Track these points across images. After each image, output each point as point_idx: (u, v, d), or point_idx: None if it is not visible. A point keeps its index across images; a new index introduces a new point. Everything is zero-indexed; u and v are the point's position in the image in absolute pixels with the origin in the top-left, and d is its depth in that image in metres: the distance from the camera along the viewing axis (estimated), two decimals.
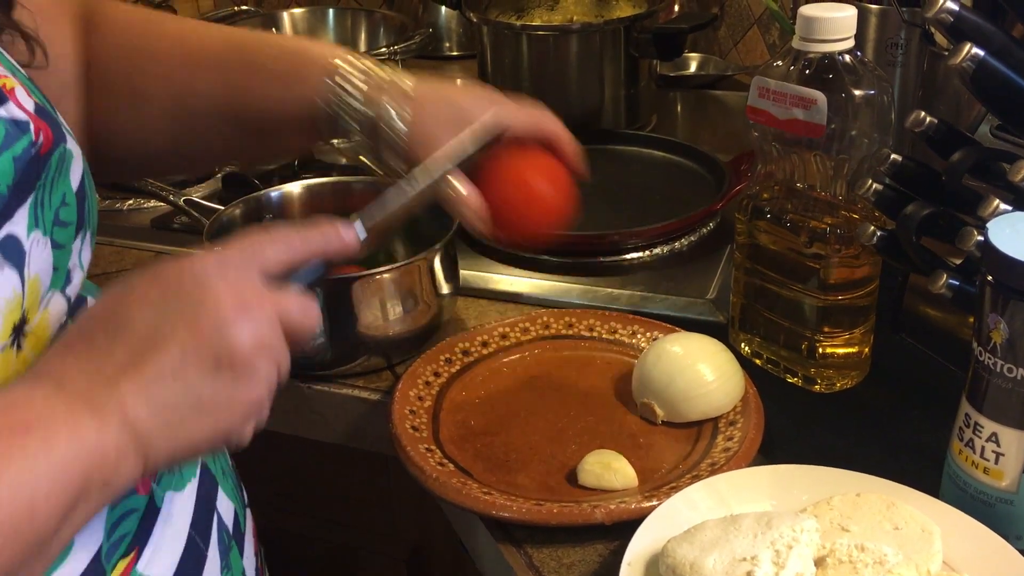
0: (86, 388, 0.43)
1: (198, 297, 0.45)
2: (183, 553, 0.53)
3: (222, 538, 0.57)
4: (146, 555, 0.50)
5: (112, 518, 0.49)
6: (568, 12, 1.29)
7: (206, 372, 0.44)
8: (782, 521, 0.58)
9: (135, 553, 0.50)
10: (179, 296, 0.45)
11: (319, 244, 0.52)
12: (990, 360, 0.59)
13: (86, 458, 0.41)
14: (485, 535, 0.69)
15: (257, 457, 1.02)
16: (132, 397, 0.43)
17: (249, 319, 0.46)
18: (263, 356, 0.46)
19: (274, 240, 0.50)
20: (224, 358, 0.45)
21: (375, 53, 1.29)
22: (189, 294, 0.45)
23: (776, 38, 1.40)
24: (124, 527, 0.50)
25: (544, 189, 0.68)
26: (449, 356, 0.83)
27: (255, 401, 0.47)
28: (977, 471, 0.62)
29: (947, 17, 0.65)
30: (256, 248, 0.49)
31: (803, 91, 0.71)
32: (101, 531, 0.49)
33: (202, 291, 0.45)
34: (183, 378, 0.44)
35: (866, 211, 0.76)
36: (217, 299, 0.45)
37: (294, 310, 0.48)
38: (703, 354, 0.76)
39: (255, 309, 0.46)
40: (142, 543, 0.50)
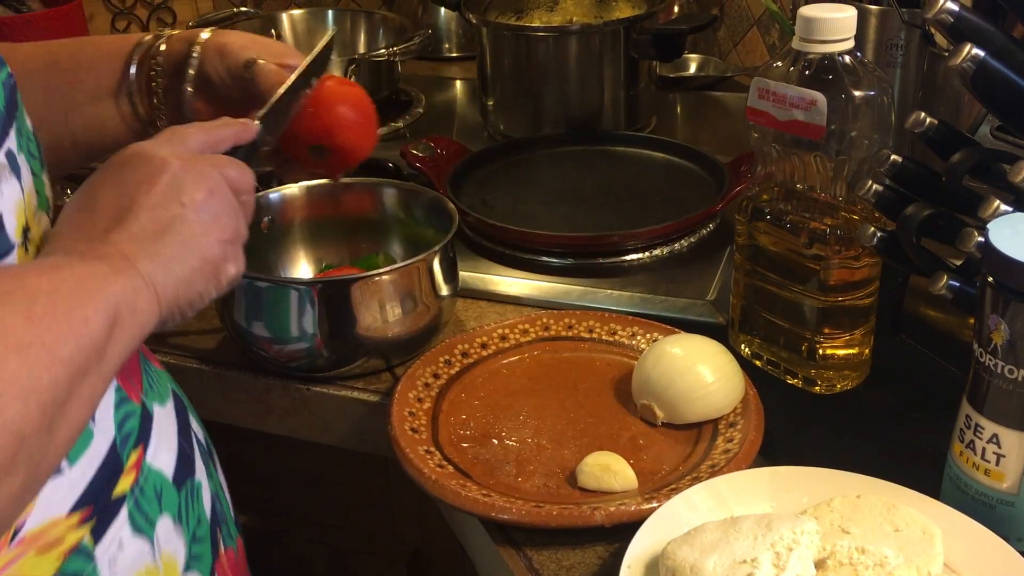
0: (87, 248, 0.50)
1: (147, 163, 0.54)
2: (177, 453, 0.62)
3: (201, 450, 0.66)
4: (150, 450, 0.58)
5: (118, 417, 0.56)
6: (567, 13, 1.29)
7: (172, 205, 0.53)
8: (782, 523, 0.58)
9: (142, 448, 0.57)
10: (131, 168, 0.54)
11: (230, 132, 0.62)
12: (991, 361, 0.59)
13: (110, 288, 0.48)
14: (484, 537, 0.69)
15: (257, 459, 1.03)
16: (125, 245, 0.51)
17: (193, 168, 0.55)
18: (218, 198, 0.55)
19: (191, 126, 0.60)
20: (183, 195, 0.53)
21: (374, 54, 1.29)
22: (140, 164, 0.54)
23: (776, 39, 1.40)
24: (128, 425, 0.57)
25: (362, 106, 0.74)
26: (448, 358, 0.83)
27: (228, 234, 0.56)
28: (978, 473, 0.62)
29: (947, 18, 0.65)
30: (178, 132, 0.59)
31: (803, 92, 0.71)
32: (112, 426, 0.55)
33: (149, 160, 0.54)
34: (158, 221, 0.52)
35: (866, 212, 0.76)
36: (164, 160, 0.54)
37: (230, 167, 0.58)
38: (703, 355, 0.76)
39: (195, 163, 0.55)
40: (145, 440, 0.58)
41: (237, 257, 0.57)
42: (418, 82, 1.48)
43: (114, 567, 0.53)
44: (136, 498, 0.56)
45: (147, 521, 0.56)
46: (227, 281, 0.56)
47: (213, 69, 0.70)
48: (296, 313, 0.79)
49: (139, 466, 0.57)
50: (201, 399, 0.89)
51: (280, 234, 0.93)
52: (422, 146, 1.13)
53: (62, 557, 0.50)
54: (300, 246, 0.94)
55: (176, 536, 0.59)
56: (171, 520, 0.59)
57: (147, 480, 0.57)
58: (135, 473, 0.56)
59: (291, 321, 0.80)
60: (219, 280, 0.56)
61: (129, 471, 0.55)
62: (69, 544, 0.50)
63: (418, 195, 0.93)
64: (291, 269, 0.94)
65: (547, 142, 1.20)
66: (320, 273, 0.94)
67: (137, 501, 0.56)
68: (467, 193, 1.09)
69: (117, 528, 0.54)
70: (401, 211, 0.94)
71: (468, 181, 1.12)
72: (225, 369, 0.88)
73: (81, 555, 0.51)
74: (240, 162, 0.59)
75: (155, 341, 0.92)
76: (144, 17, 1.63)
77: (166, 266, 0.52)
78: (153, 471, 0.58)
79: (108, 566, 0.53)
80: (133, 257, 0.50)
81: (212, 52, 0.70)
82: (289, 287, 0.79)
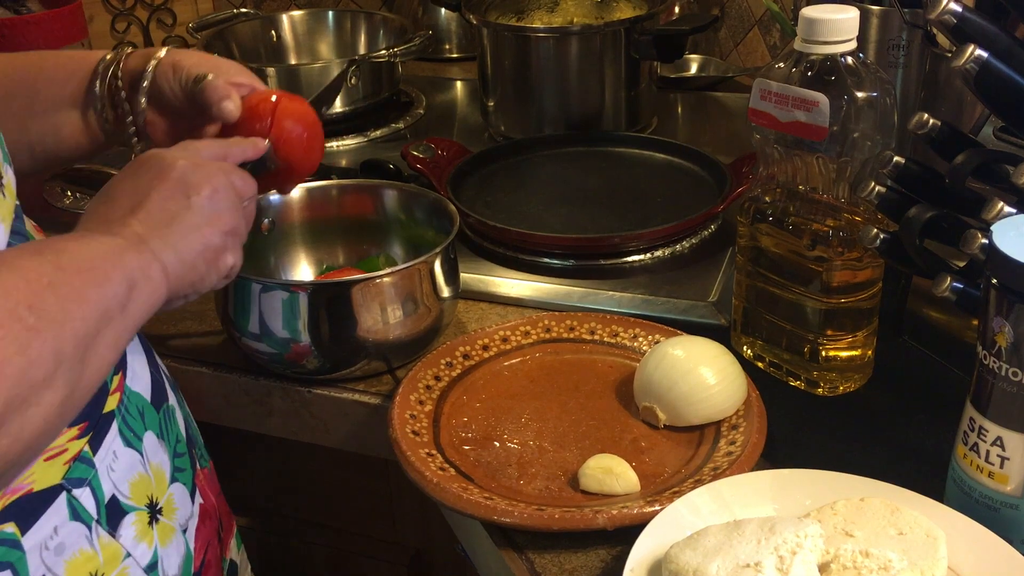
0: (105, 228, 0.57)
1: (160, 164, 0.61)
2: (151, 380, 0.69)
3: (168, 381, 0.74)
4: (128, 376, 0.66)
5: None
6: (568, 14, 1.29)
7: (179, 200, 0.59)
8: (786, 526, 0.58)
9: (121, 373, 0.65)
10: (146, 168, 0.61)
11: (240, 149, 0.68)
12: (995, 364, 0.59)
13: (125, 256, 0.55)
14: (487, 540, 0.69)
15: (258, 461, 1.02)
16: (138, 227, 0.57)
17: (201, 169, 0.61)
18: (221, 196, 0.61)
19: (205, 140, 0.68)
20: (190, 191, 0.60)
21: (375, 56, 1.29)
22: (154, 164, 0.61)
23: (777, 39, 1.40)
24: None
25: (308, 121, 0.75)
26: (450, 360, 0.83)
27: (229, 227, 0.62)
28: (982, 475, 0.62)
29: (950, 19, 0.65)
30: (193, 143, 0.66)
31: (805, 93, 0.71)
32: None
33: (162, 161, 0.61)
34: (167, 211, 0.59)
35: (869, 214, 0.75)
36: (174, 161, 0.61)
37: (236, 174, 0.64)
38: (705, 357, 0.76)
39: (204, 165, 0.62)
40: (123, 367, 0.66)
41: (236, 250, 0.64)
42: (418, 83, 1.48)
43: (112, 474, 0.61)
44: (123, 415, 0.63)
45: (135, 435, 0.64)
46: (226, 269, 0.63)
47: (166, 83, 0.74)
48: (297, 315, 0.79)
49: (122, 388, 0.64)
50: (202, 401, 0.89)
51: (281, 236, 0.93)
52: (423, 147, 1.13)
53: (68, 464, 0.57)
54: (301, 248, 0.94)
55: (161, 450, 0.67)
56: (155, 436, 0.67)
57: (130, 400, 0.65)
58: (119, 394, 0.64)
59: (292, 323, 0.79)
60: (219, 267, 0.62)
61: (114, 392, 0.63)
62: (72, 452, 0.58)
63: (419, 196, 0.93)
64: (292, 271, 0.94)
65: (548, 143, 1.20)
66: (321, 275, 0.93)
67: (124, 418, 0.63)
68: (468, 194, 1.09)
69: (111, 440, 0.61)
70: (402, 212, 0.94)
71: (469, 182, 1.11)
72: (226, 371, 0.88)
73: (83, 462, 0.59)
74: (244, 171, 0.66)
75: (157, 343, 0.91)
76: (144, 18, 1.63)
77: (174, 247, 0.58)
78: (134, 393, 0.66)
79: (107, 472, 0.60)
80: (146, 237, 0.57)
81: (166, 67, 0.74)
82: (290, 289, 0.79)
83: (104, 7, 1.59)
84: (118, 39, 1.62)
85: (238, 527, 0.82)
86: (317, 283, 0.83)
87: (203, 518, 0.72)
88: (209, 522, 0.73)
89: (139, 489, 0.63)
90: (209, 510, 0.73)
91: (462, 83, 1.51)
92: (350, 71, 1.27)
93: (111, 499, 0.60)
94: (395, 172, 1.11)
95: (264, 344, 0.81)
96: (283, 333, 0.80)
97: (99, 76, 0.74)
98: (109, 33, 1.61)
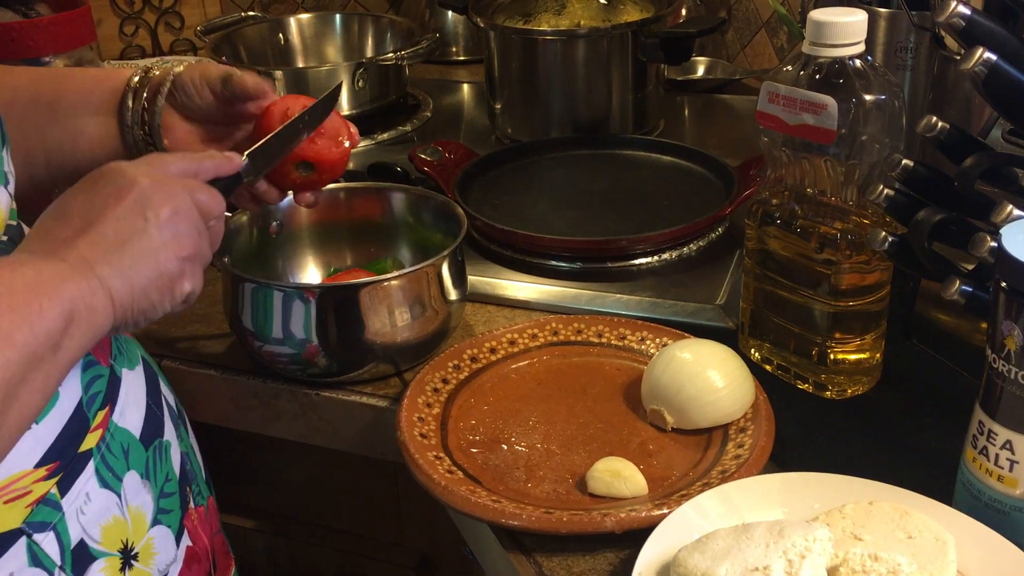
0: (51, 249, 0.53)
1: (119, 180, 0.57)
2: (145, 414, 0.66)
3: (171, 413, 0.70)
4: (117, 411, 0.62)
5: (85, 379, 0.60)
6: (575, 16, 1.29)
7: (135, 222, 0.55)
8: (794, 530, 0.58)
9: (108, 408, 0.61)
10: (104, 182, 0.57)
11: (212, 164, 0.64)
12: (1004, 367, 0.59)
13: (68, 286, 0.51)
14: (494, 543, 0.69)
15: (265, 463, 1.03)
16: (86, 250, 0.53)
17: (162, 188, 0.57)
18: (182, 218, 0.57)
19: (175, 154, 0.63)
20: (148, 212, 0.56)
21: (382, 59, 1.29)
22: (112, 180, 0.57)
23: (784, 42, 1.40)
24: (96, 386, 0.61)
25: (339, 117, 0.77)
26: (457, 363, 0.83)
27: (187, 252, 0.57)
28: (991, 479, 0.62)
29: (959, 21, 0.65)
30: (159, 157, 0.62)
31: (813, 96, 0.71)
32: (79, 387, 0.59)
33: (122, 176, 0.57)
34: (121, 233, 0.55)
35: (877, 216, 0.75)
36: (134, 177, 0.57)
37: (201, 191, 0.60)
38: (713, 360, 0.75)
39: (165, 183, 0.58)
40: (112, 401, 0.62)
41: (195, 276, 0.59)
42: (425, 86, 1.48)
43: (82, 517, 0.57)
44: (103, 454, 0.60)
45: (114, 476, 0.61)
46: (181, 296, 0.58)
47: (195, 90, 0.73)
48: (304, 318, 0.79)
49: (106, 425, 0.61)
50: (210, 404, 0.89)
51: (289, 239, 0.93)
52: (430, 150, 1.13)
53: (30, 507, 0.55)
54: (308, 251, 0.94)
55: (144, 491, 0.63)
56: (138, 476, 0.63)
57: (113, 438, 0.61)
58: (101, 431, 0.60)
59: (300, 326, 0.79)
60: (173, 294, 0.57)
61: (95, 429, 0.60)
62: (36, 495, 0.55)
63: (426, 199, 0.93)
64: (299, 274, 0.94)
65: (555, 146, 1.20)
66: (328, 278, 0.94)
67: (104, 457, 0.60)
68: (475, 197, 1.09)
69: (84, 481, 0.58)
70: (409, 215, 0.94)
71: (476, 185, 1.11)
72: (234, 374, 0.88)
73: (48, 505, 0.56)
74: (212, 188, 0.62)
75: (163, 346, 0.92)
76: (152, 22, 1.63)
77: (123, 274, 0.54)
78: (120, 429, 0.62)
79: (76, 516, 0.57)
80: (93, 261, 0.53)
81: (193, 70, 0.73)
82: (298, 292, 0.79)
83: (112, 10, 1.60)
84: (126, 42, 1.62)
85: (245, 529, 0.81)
86: (325, 286, 0.83)
87: (189, 562, 0.68)
88: (197, 566, 0.69)
89: (112, 533, 0.60)
90: (199, 553, 0.70)
91: (469, 86, 1.51)
92: (357, 74, 1.28)
93: (79, 544, 0.57)
94: (402, 175, 1.12)
95: (272, 347, 0.82)
96: (291, 336, 0.80)
97: (132, 91, 0.73)
98: (117, 36, 1.61)
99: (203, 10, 1.65)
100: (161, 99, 0.74)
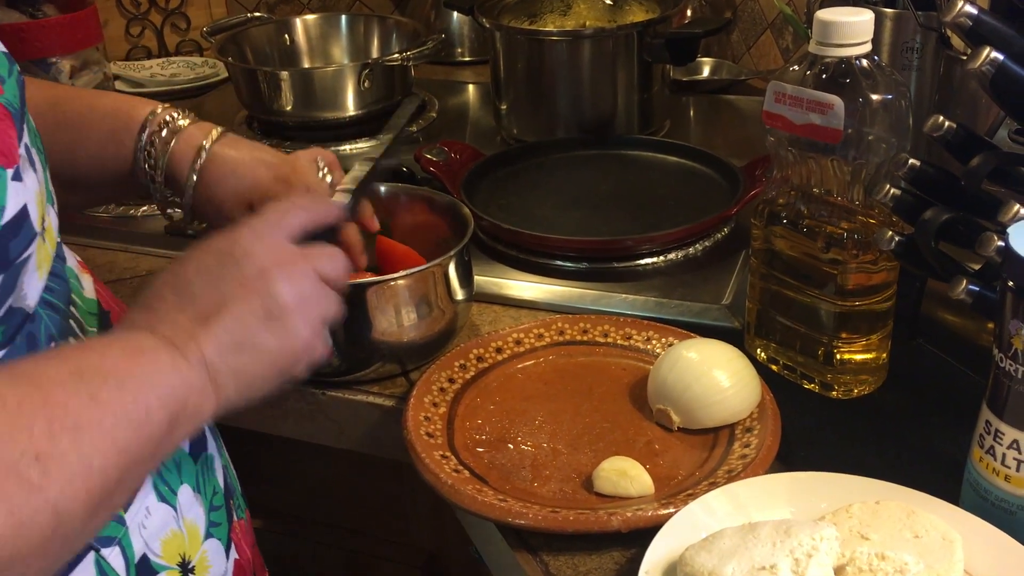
0: (171, 334, 0.52)
1: (244, 261, 0.56)
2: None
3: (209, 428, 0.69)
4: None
5: None
6: (581, 17, 1.29)
7: (259, 321, 0.54)
8: (801, 529, 0.58)
9: None
10: (228, 261, 0.56)
11: (322, 212, 0.64)
12: (1011, 367, 0.59)
13: (181, 383, 0.50)
14: (501, 542, 0.69)
15: (272, 463, 1.03)
16: (205, 344, 0.52)
17: (287, 274, 0.56)
18: (306, 304, 0.57)
19: (291, 209, 0.61)
20: (273, 308, 0.55)
21: (388, 59, 1.30)
22: (236, 260, 0.56)
23: (789, 42, 1.40)
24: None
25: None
26: (463, 362, 0.83)
27: (305, 343, 0.57)
28: (998, 479, 0.62)
29: (966, 21, 0.65)
30: (278, 217, 0.60)
31: (820, 96, 0.71)
32: None
33: (246, 256, 0.56)
34: (241, 329, 0.54)
35: (883, 216, 0.75)
36: (260, 261, 0.56)
37: (324, 260, 0.59)
38: (719, 360, 0.75)
39: (290, 265, 0.57)
40: None
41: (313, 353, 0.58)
42: (431, 86, 1.48)
43: (143, 531, 0.57)
44: (159, 468, 0.59)
45: (169, 490, 0.60)
46: (305, 371, 0.58)
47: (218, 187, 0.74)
48: None
49: None
50: None
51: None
52: (436, 150, 1.13)
53: None
54: None
55: (196, 504, 0.63)
56: (191, 489, 0.62)
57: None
58: None
59: None
60: (287, 378, 0.57)
61: None
62: None
63: (432, 199, 0.93)
64: None
65: (561, 146, 1.20)
66: None
67: (160, 471, 0.60)
68: (481, 197, 1.09)
69: (144, 496, 0.57)
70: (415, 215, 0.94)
71: (482, 185, 1.12)
72: None
73: (114, 520, 0.55)
74: (334, 252, 0.61)
75: None
76: (158, 23, 1.64)
77: (238, 377, 0.54)
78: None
79: (138, 530, 0.56)
80: (212, 365, 0.52)
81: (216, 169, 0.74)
82: None
83: (119, 11, 1.60)
84: (132, 43, 1.63)
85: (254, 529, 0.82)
86: None
87: (237, 574, 0.67)
88: None
89: (171, 547, 0.59)
90: (244, 565, 0.69)
91: (475, 86, 1.51)
92: (363, 75, 1.28)
93: (141, 558, 0.57)
94: (408, 175, 1.12)
95: None
96: None
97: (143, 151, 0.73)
98: (124, 37, 1.62)
99: (209, 11, 1.66)
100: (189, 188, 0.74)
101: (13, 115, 0.52)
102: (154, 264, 1.06)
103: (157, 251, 1.08)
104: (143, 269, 1.05)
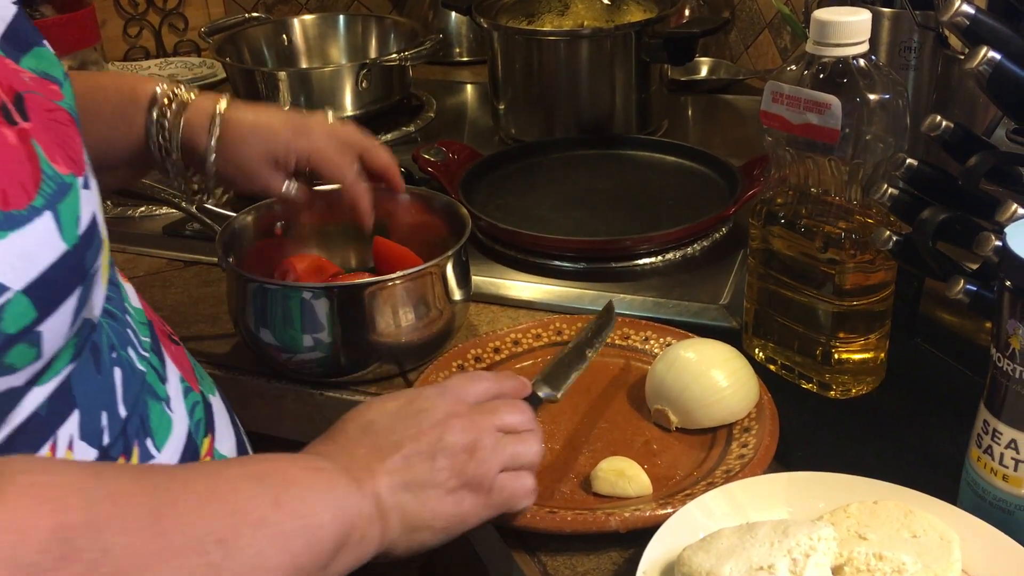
0: (348, 465, 0.55)
1: (424, 411, 0.60)
2: (235, 440, 0.67)
3: (248, 439, 0.71)
4: (217, 437, 0.63)
5: (188, 404, 0.61)
6: (579, 17, 1.29)
7: (426, 464, 0.58)
8: (799, 529, 0.58)
9: (211, 435, 0.63)
10: (410, 411, 0.60)
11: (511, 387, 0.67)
12: (1009, 366, 0.59)
13: (352, 509, 0.53)
14: (498, 543, 0.69)
15: None
16: (378, 477, 0.56)
17: (460, 426, 0.60)
18: (477, 455, 0.59)
19: (476, 381, 0.65)
20: (440, 454, 0.58)
21: (386, 59, 1.30)
22: (418, 408, 0.60)
23: (787, 42, 1.40)
24: (197, 413, 0.62)
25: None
26: (461, 362, 0.83)
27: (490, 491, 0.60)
28: (996, 478, 0.62)
29: (963, 20, 0.65)
30: (463, 385, 0.64)
31: (817, 95, 0.71)
32: (185, 414, 0.61)
33: (428, 406, 0.61)
34: (411, 470, 0.57)
35: (881, 216, 0.75)
36: (437, 412, 0.60)
37: (505, 412, 0.63)
38: (717, 360, 0.75)
39: (464, 418, 0.61)
40: (212, 428, 0.63)
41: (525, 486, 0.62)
42: (429, 86, 1.48)
43: None
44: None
45: None
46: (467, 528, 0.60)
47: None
48: (309, 318, 0.79)
49: (211, 452, 0.62)
50: None
51: (293, 239, 0.93)
52: (434, 150, 1.13)
53: None
54: (313, 251, 0.94)
55: None
56: None
57: None
58: (209, 459, 0.61)
59: (304, 326, 0.79)
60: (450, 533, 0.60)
61: (204, 456, 0.61)
62: None
63: (430, 199, 0.93)
64: None
65: (559, 146, 1.20)
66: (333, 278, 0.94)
67: None
68: (479, 197, 1.09)
69: None
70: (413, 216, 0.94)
71: (480, 185, 1.12)
72: (239, 374, 0.88)
73: None
74: (515, 404, 0.64)
75: None
76: (156, 23, 1.63)
77: (405, 516, 0.56)
78: (220, 456, 0.63)
79: None
80: (381, 499, 0.55)
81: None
82: (303, 292, 0.79)
83: (116, 11, 1.60)
84: (130, 44, 1.63)
85: None
86: (330, 286, 0.83)
87: None
88: None
89: None
90: None
91: (472, 86, 1.51)
92: (361, 75, 1.28)
93: None
94: (406, 175, 1.12)
95: (276, 347, 0.82)
96: (296, 336, 0.80)
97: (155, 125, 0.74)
98: (121, 37, 1.62)
99: (207, 11, 1.66)
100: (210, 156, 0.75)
101: (75, 120, 0.52)
102: (152, 265, 1.06)
103: (155, 252, 1.08)
104: (141, 270, 1.05)
